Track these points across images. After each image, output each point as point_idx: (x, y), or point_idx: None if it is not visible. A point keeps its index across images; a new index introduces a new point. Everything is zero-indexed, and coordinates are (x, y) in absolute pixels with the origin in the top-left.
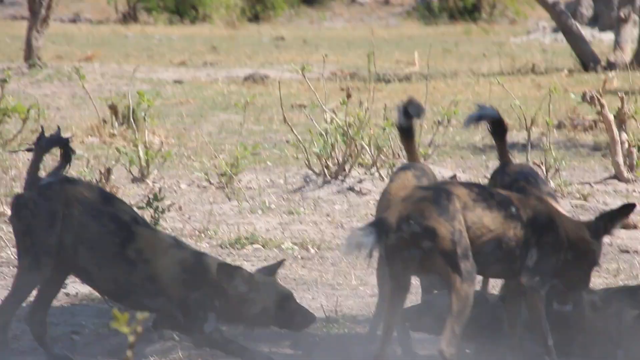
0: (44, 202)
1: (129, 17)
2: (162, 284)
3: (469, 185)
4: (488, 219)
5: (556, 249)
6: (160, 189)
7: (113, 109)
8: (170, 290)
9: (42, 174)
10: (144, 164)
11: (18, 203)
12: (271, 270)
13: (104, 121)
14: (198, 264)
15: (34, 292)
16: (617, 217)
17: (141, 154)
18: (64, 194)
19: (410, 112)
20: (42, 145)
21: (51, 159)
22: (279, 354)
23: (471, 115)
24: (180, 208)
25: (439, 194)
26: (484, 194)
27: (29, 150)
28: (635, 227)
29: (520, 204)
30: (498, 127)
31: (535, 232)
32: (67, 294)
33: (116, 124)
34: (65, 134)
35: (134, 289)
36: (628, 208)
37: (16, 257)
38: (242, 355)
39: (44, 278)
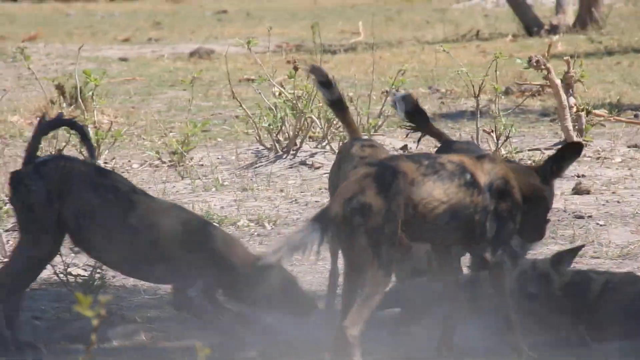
0: (41, 179)
1: None
2: (163, 246)
3: (418, 158)
4: (439, 191)
5: (514, 212)
6: (112, 170)
7: (60, 89)
8: (168, 251)
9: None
10: (94, 144)
11: (15, 180)
12: None
13: (52, 102)
14: (201, 229)
15: None
16: (565, 157)
17: (91, 134)
18: (60, 171)
19: (323, 81)
20: (43, 127)
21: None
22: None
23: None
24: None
25: (383, 171)
26: (435, 165)
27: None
28: (588, 192)
29: (475, 169)
30: (419, 116)
31: (492, 197)
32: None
33: (64, 105)
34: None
35: (137, 256)
36: (575, 146)
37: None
38: (216, 327)
39: (47, 257)
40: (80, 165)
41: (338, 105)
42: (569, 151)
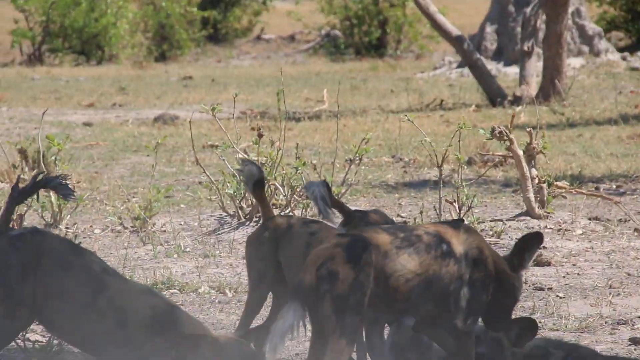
0: (16, 252)
1: (34, 58)
2: (130, 329)
3: (394, 230)
4: (414, 264)
5: (486, 283)
6: (74, 235)
7: (22, 153)
8: (135, 335)
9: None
10: (56, 209)
11: None
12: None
13: (14, 166)
14: (171, 313)
15: None
16: (527, 249)
17: (53, 199)
18: (34, 245)
19: (255, 179)
20: (17, 195)
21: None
22: None
23: (317, 197)
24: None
25: (355, 242)
26: (410, 237)
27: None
28: (549, 264)
29: (451, 238)
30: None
31: (468, 266)
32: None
33: (27, 169)
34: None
35: (102, 337)
36: (534, 237)
37: None
38: None
39: (21, 329)
40: (54, 242)
41: (256, 185)
42: (530, 242)
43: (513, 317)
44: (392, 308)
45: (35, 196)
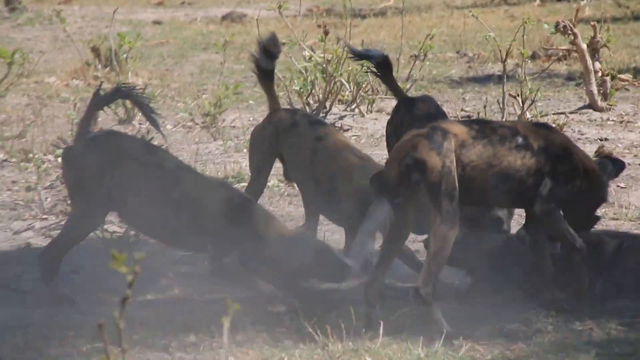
0: (92, 154)
1: None
2: (206, 218)
3: (469, 123)
4: (489, 154)
5: (571, 177)
6: (146, 130)
7: (95, 51)
8: (210, 226)
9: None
10: (129, 105)
11: (67, 155)
12: None
13: (87, 64)
14: (243, 205)
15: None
16: (617, 166)
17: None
18: (110, 146)
19: (272, 52)
20: (95, 102)
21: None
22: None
23: (354, 50)
24: (167, 148)
25: (434, 131)
26: (485, 130)
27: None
28: (611, 154)
29: (529, 133)
30: (383, 67)
31: (548, 160)
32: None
33: (99, 67)
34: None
35: (178, 228)
36: (622, 164)
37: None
38: (253, 288)
39: (96, 226)
40: (129, 141)
41: (269, 75)
42: (620, 165)
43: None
44: (470, 199)
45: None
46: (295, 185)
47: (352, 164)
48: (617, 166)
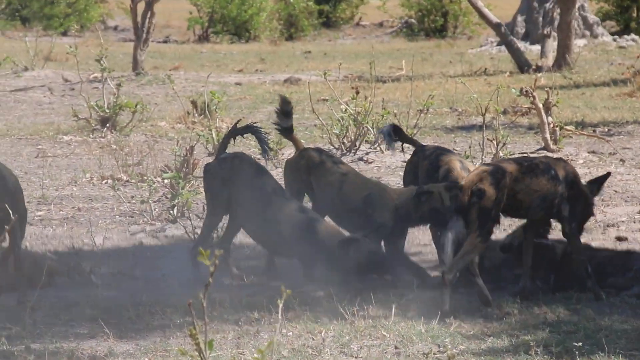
0: (220, 169)
1: (203, 38)
2: (286, 239)
3: (520, 161)
4: (535, 184)
5: (579, 200)
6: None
7: (194, 104)
8: (291, 243)
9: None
10: (216, 142)
11: (205, 170)
12: None
13: (188, 113)
14: (310, 226)
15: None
16: (601, 181)
17: (214, 135)
18: (233, 165)
19: (286, 110)
20: (231, 131)
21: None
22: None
23: (384, 134)
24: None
25: (496, 170)
26: (531, 165)
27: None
28: None
29: (556, 167)
30: (398, 131)
31: (567, 186)
32: (166, 236)
33: (196, 115)
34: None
35: (270, 240)
36: (606, 176)
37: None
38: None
39: (219, 222)
40: (247, 164)
41: (288, 131)
42: (602, 177)
43: None
44: (516, 213)
45: (202, 134)
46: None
47: (381, 189)
48: (597, 187)
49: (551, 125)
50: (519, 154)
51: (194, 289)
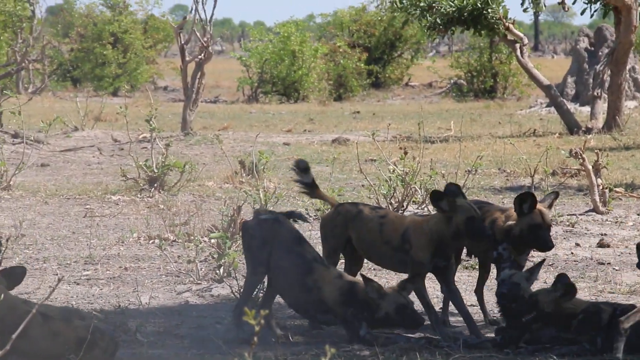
0: (260, 229)
1: (252, 98)
2: (329, 304)
3: None
4: None
5: None
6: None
7: (241, 163)
8: (334, 308)
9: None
10: (263, 202)
11: (244, 228)
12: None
13: (236, 172)
14: (352, 289)
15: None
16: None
17: (261, 195)
18: (273, 228)
19: (303, 167)
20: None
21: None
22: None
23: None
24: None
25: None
26: None
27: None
28: (608, 246)
29: None
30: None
31: None
32: (212, 295)
33: (244, 174)
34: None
35: (310, 306)
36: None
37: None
38: (386, 345)
39: (260, 282)
40: (286, 229)
41: (311, 186)
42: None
43: (583, 282)
44: None
45: (250, 194)
46: (364, 255)
47: (418, 223)
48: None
49: (600, 187)
50: (567, 215)
51: (239, 347)
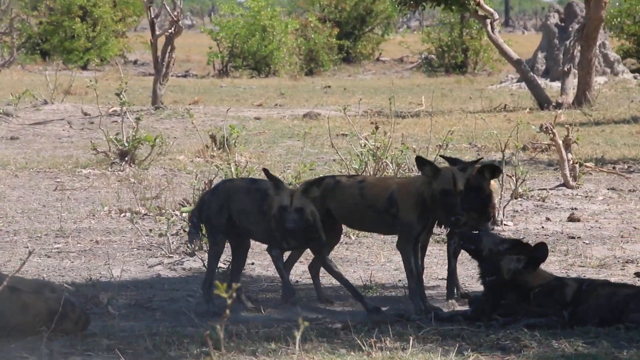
0: (214, 196)
1: (223, 72)
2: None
3: None
4: None
5: None
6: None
7: (213, 138)
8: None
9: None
10: (234, 176)
11: (200, 201)
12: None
13: (207, 146)
14: (282, 205)
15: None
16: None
17: (232, 169)
18: (224, 187)
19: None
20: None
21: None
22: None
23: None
24: None
25: None
26: None
27: None
28: (578, 220)
29: None
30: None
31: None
32: (184, 269)
33: (215, 149)
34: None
35: (265, 229)
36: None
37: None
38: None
39: (222, 251)
40: (238, 180)
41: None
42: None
43: (554, 256)
44: None
45: (221, 167)
46: (345, 223)
47: (404, 185)
48: None
49: (571, 162)
50: (537, 189)
51: (211, 320)
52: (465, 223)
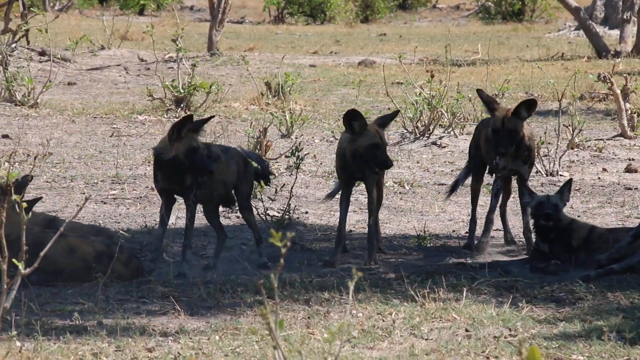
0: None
1: (278, 19)
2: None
3: None
4: None
5: None
6: (300, 143)
7: (268, 85)
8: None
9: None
10: (289, 124)
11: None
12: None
13: (262, 94)
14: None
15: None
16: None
17: (287, 117)
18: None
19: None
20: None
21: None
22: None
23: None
24: (314, 156)
25: None
26: None
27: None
28: (636, 171)
29: None
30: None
31: None
32: (238, 217)
33: (270, 96)
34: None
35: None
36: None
37: None
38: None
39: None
40: (214, 147)
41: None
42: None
43: (610, 207)
44: None
45: (275, 116)
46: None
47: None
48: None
49: (629, 112)
50: (594, 140)
51: (264, 269)
52: (504, 167)
